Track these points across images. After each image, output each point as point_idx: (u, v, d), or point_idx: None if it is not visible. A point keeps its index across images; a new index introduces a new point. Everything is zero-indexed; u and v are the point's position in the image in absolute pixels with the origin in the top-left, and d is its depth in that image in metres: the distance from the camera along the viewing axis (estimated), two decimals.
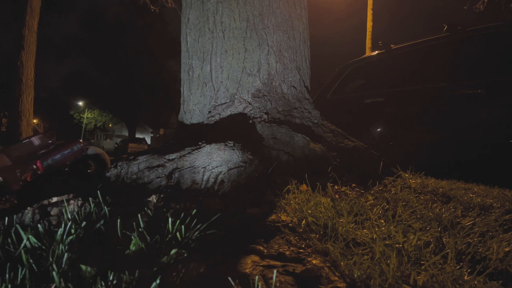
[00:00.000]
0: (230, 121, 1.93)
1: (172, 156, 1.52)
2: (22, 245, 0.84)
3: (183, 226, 0.89)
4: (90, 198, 1.10)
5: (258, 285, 0.66)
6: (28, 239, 0.84)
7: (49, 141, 3.47)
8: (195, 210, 1.03)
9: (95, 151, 3.23)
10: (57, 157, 3.06)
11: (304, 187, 1.36)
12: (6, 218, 1.01)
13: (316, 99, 3.39)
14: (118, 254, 0.83)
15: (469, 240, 0.94)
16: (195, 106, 2.11)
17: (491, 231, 1.03)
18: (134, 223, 0.91)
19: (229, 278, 0.66)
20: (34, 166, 2.66)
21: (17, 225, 0.90)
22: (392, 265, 0.74)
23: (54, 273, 0.66)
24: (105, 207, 1.04)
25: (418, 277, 0.72)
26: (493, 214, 1.21)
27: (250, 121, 1.89)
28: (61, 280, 0.66)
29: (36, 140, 3.51)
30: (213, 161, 1.45)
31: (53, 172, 2.78)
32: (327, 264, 0.80)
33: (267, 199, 1.26)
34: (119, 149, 23.50)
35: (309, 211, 1.09)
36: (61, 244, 0.78)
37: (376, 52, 3.37)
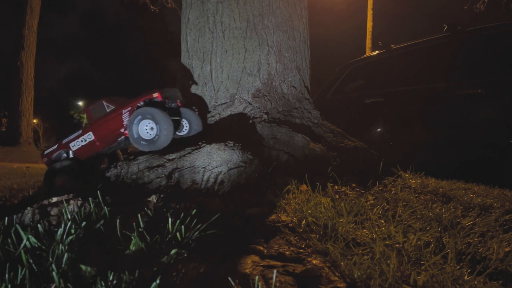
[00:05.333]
0: (230, 121, 1.93)
1: (172, 156, 1.52)
2: (22, 245, 0.83)
3: (183, 226, 0.89)
4: (90, 198, 1.10)
5: (258, 285, 0.66)
6: (28, 239, 0.84)
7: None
8: (195, 210, 1.03)
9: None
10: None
11: (304, 187, 1.36)
12: (6, 218, 1.01)
13: (316, 99, 3.39)
14: (118, 254, 0.83)
15: (469, 240, 0.94)
16: (195, 106, 2.11)
17: (491, 231, 1.03)
18: (134, 223, 0.91)
19: (229, 278, 0.66)
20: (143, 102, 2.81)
21: (17, 225, 0.90)
22: (392, 265, 0.74)
23: (54, 273, 0.66)
24: (105, 207, 1.04)
25: (418, 277, 0.72)
26: (493, 214, 1.21)
27: (250, 121, 1.89)
28: (61, 280, 0.66)
29: None
30: (213, 161, 1.45)
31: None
32: (327, 264, 0.79)
33: (267, 199, 1.25)
34: None
35: (309, 211, 1.09)
36: (61, 244, 0.78)
37: (376, 52, 3.37)
